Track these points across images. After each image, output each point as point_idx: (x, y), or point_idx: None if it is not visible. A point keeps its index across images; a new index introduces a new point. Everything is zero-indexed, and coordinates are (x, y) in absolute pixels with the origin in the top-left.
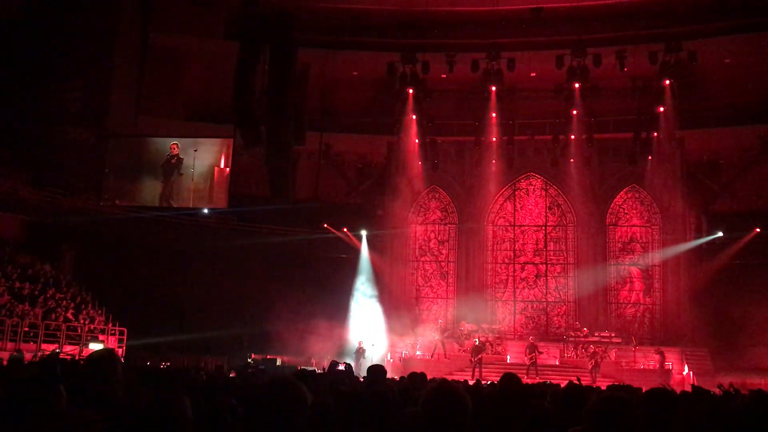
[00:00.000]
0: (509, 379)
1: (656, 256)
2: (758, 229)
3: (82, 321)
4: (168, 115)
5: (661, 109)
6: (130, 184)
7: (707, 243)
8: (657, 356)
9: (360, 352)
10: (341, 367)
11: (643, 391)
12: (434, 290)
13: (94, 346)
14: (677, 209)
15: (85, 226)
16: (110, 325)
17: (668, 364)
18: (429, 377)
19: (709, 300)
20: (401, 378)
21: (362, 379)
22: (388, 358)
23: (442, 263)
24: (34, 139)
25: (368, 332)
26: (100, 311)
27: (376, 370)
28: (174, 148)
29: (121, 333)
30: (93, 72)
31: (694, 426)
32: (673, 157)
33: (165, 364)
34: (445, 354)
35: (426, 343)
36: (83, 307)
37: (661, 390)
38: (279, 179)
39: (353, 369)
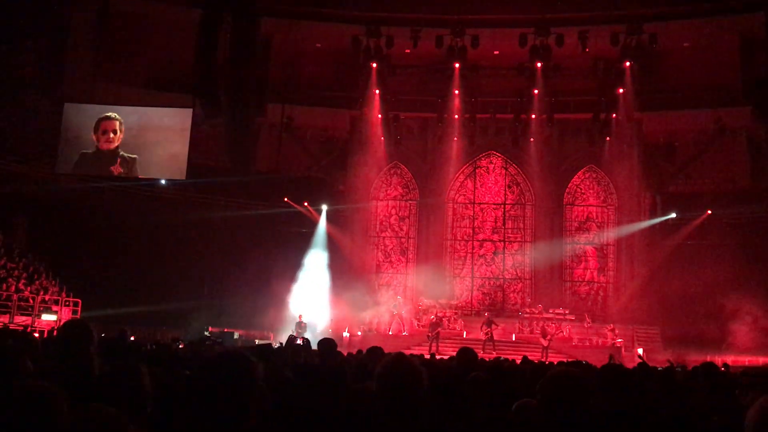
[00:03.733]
0: (466, 353)
1: (611, 236)
2: (710, 211)
3: (34, 291)
4: (127, 82)
5: (621, 90)
6: (87, 152)
7: (661, 223)
8: (609, 333)
9: (301, 326)
10: (299, 342)
11: (595, 366)
12: (394, 266)
13: (47, 318)
14: (633, 190)
15: (40, 195)
16: (64, 296)
17: (620, 341)
18: (386, 352)
19: (662, 279)
20: (358, 352)
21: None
22: (345, 333)
23: (403, 239)
24: None
25: (315, 306)
26: (53, 282)
27: (326, 344)
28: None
29: (75, 304)
30: (48, 35)
31: (644, 399)
32: (631, 138)
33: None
34: (403, 329)
35: (385, 318)
36: (36, 277)
37: (614, 365)
38: (239, 151)
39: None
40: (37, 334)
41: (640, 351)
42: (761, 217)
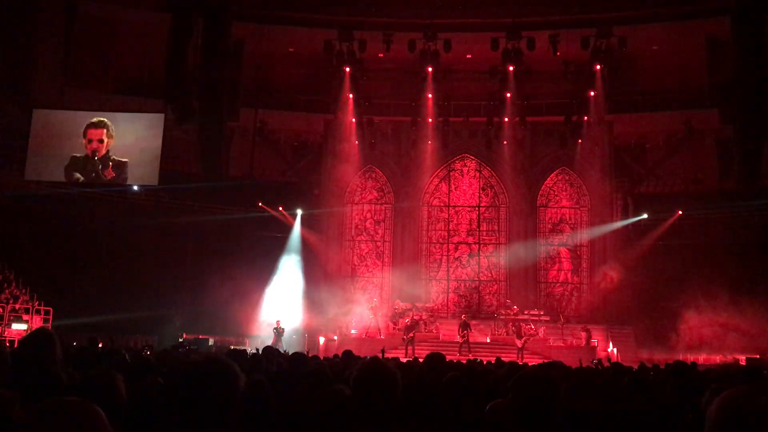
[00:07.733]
0: (434, 358)
1: (584, 237)
2: (680, 212)
3: (4, 301)
4: (97, 87)
5: (592, 93)
6: (56, 159)
7: (633, 224)
8: (583, 334)
9: (279, 332)
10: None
11: (570, 367)
12: (369, 269)
13: (18, 327)
14: (605, 191)
15: (9, 202)
16: (35, 305)
17: (594, 341)
18: (363, 355)
19: (634, 279)
20: (334, 356)
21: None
22: (321, 338)
23: (378, 243)
24: None
25: (290, 311)
26: (24, 290)
27: (296, 359)
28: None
29: (47, 312)
30: (14, 39)
31: (615, 398)
32: (602, 140)
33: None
34: (379, 332)
35: (361, 321)
36: (6, 286)
37: (584, 368)
38: (212, 156)
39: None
40: (7, 344)
41: (614, 350)
42: (729, 217)
